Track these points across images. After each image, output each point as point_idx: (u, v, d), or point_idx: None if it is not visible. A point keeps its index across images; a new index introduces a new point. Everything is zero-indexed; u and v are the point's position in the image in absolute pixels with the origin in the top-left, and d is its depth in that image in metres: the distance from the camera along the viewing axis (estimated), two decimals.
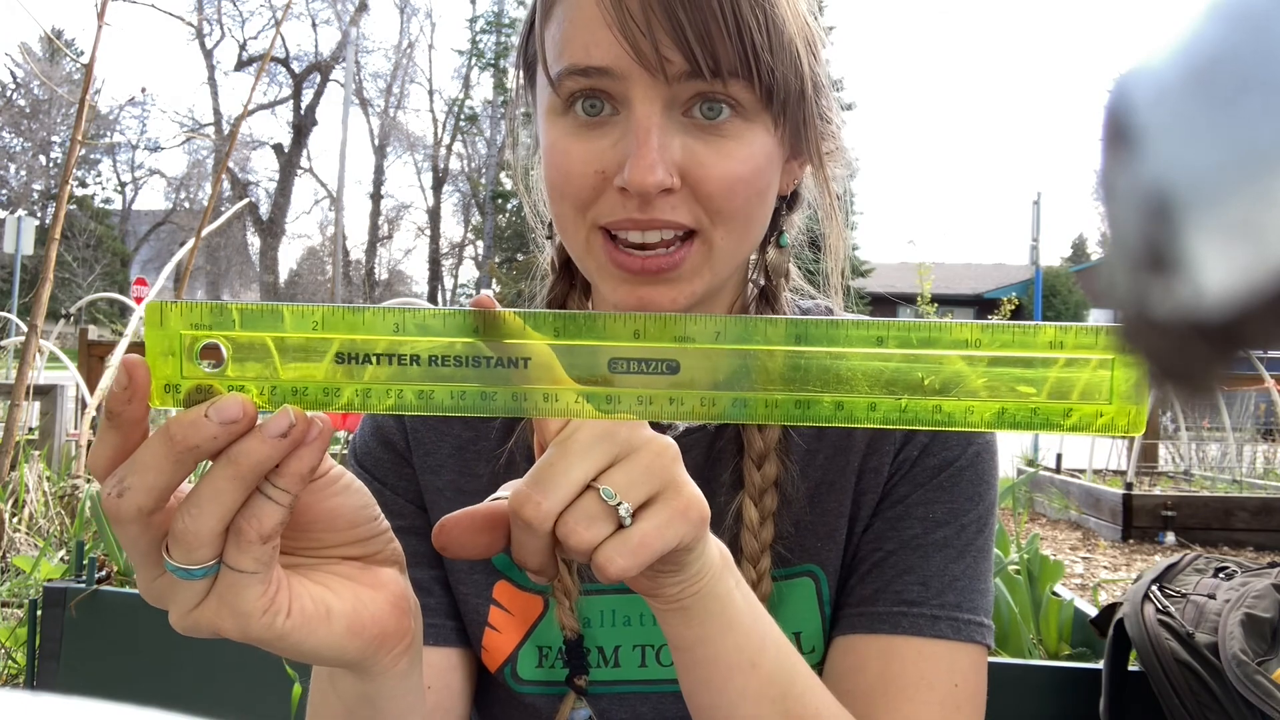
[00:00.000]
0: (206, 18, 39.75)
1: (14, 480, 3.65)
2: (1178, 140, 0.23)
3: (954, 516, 0.78)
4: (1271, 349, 0.24)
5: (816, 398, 0.49)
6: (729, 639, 0.62)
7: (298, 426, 0.48)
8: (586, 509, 0.52)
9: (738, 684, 0.63)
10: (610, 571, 0.52)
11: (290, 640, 0.52)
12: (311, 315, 0.49)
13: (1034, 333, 0.49)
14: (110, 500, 0.47)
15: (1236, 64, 0.22)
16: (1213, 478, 7.14)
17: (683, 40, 0.66)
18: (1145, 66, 0.24)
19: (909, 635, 0.75)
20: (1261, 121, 0.21)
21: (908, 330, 0.49)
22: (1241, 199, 0.22)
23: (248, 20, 41.40)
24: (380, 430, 0.87)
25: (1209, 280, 0.22)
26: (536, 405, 0.49)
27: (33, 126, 37.89)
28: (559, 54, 0.71)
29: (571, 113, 0.72)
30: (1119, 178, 0.24)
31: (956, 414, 0.49)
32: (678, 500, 0.54)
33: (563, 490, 0.52)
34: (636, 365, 0.49)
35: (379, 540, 0.58)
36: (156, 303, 0.49)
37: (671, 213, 0.69)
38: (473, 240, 42.26)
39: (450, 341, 0.49)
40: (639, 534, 0.53)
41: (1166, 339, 0.24)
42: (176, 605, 0.51)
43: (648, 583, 0.59)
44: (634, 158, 0.67)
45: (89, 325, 9.24)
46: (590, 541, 0.52)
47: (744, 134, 0.71)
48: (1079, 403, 0.49)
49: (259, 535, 0.48)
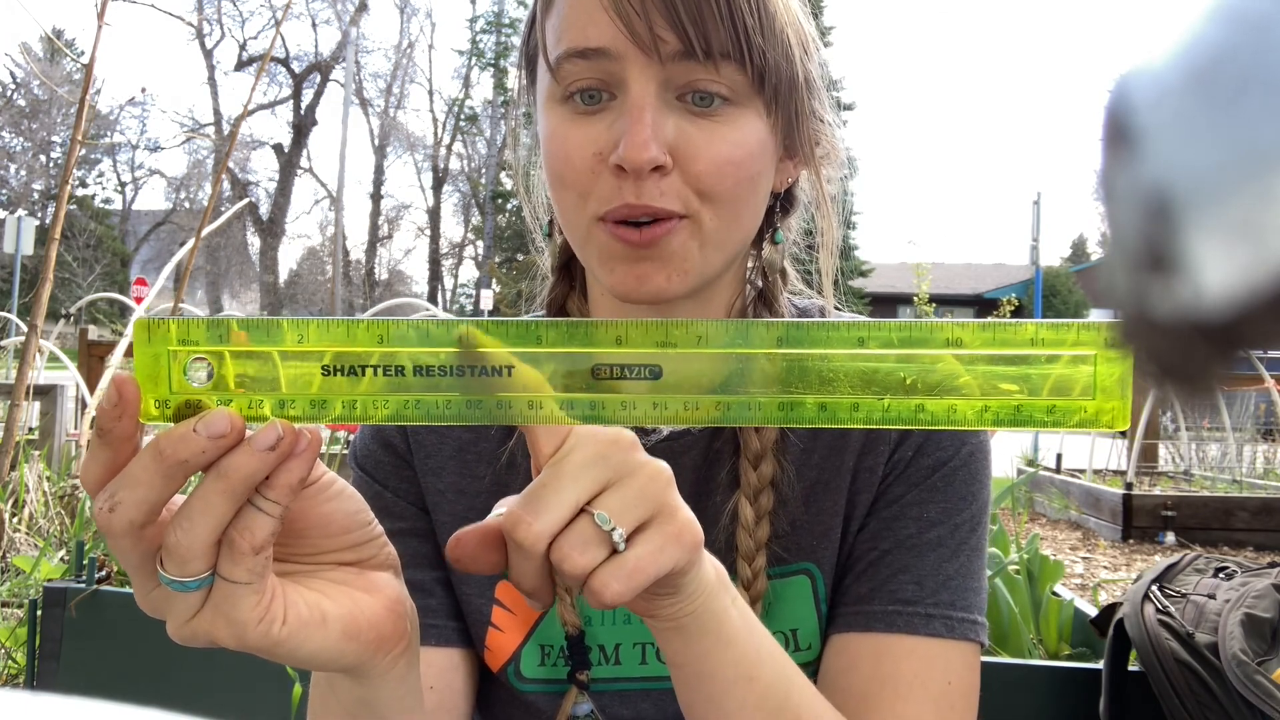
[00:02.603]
0: (206, 18, 39.77)
1: (14, 480, 3.65)
2: (1178, 140, 0.23)
3: (948, 516, 0.79)
4: (1271, 349, 0.24)
5: (800, 399, 0.49)
6: (726, 654, 0.62)
7: (285, 439, 0.48)
8: (581, 533, 0.52)
9: (737, 697, 0.63)
10: (605, 597, 0.52)
11: (287, 647, 0.52)
12: (299, 328, 0.49)
13: (1016, 330, 0.49)
14: (102, 515, 0.48)
15: (1237, 64, 0.22)
16: (1213, 478, 7.14)
17: (676, 21, 0.68)
18: (1145, 67, 0.24)
19: (903, 634, 0.76)
20: (1261, 121, 0.21)
21: (890, 331, 0.49)
22: (1241, 199, 0.22)
23: (248, 20, 41.47)
24: (381, 433, 0.87)
25: (1209, 280, 0.22)
26: (521, 413, 0.49)
27: (33, 126, 37.89)
28: (558, 40, 0.73)
29: (570, 101, 0.73)
30: (1119, 178, 0.24)
31: (939, 413, 0.49)
32: (671, 525, 0.54)
33: (556, 513, 0.52)
34: (620, 370, 0.49)
35: (373, 545, 0.58)
36: (144, 320, 0.49)
37: (661, 198, 0.70)
38: (473, 240, 42.28)
39: (434, 351, 0.49)
40: (633, 559, 0.52)
41: (1166, 339, 0.24)
42: (172, 617, 0.51)
43: (644, 605, 0.59)
44: (628, 134, 0.69)
45: (89, 325, 9.24)
46: (585, 567, 0.52)
47: (736, 119, 0.72)
48: (1062, 399, 0.49)
49: (251, 546, 0.49)
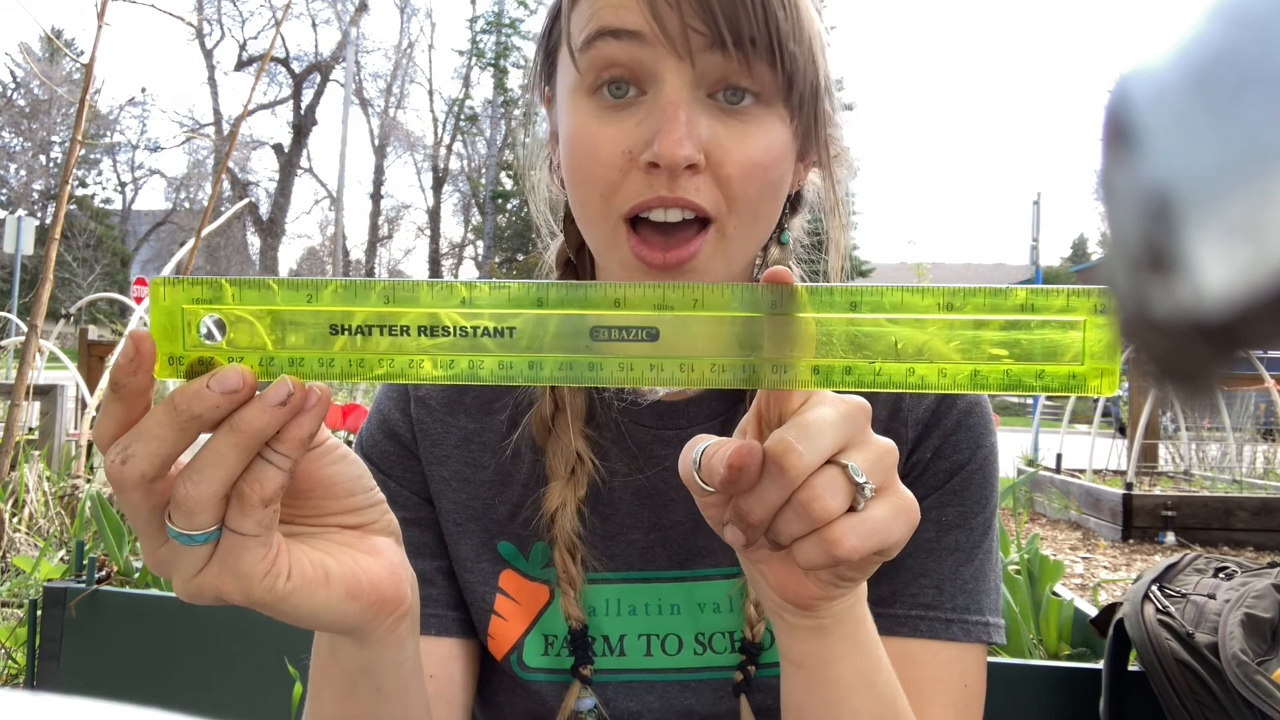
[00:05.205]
0: (206, 18, 39.74)
1: (14, 480, 3.65)
2: (1178, 140, 0.23)
3: (964, 519, 0.81)
4: (1271, 349, 0.24)
5: (793, 362, 0.50)
6: (853, 659, 0.63)
7: (296, 395, 0.50)
8: (834, 478, 0.52)
9: (853, 703, 0.64)
10: (842, 549, 0.51)
11: (291, 603, 0.53)
12: (305, 288, 0.51)
13: (1006, 295, 0.49)
14: (114, 467, 0.49)
15: (1236, 64, 0.22)
16: (1213, 478, 7.14)
17: (709, 15, 0.68)
18: (1145, 66, 0.24)
19: (925, 639, 0.78)
20: (1261, 121, 0.21)
21: (881, 295, 0.50)
22: (1241, 199, 0.22)
23: (248, 20, 41.44)
24: (386, 423, 0.88)
25: (1209, 280, 0.22)
26: (522, 373, 0.51)
27: (33, 126, 37.88)
28: (588, 21, 0.72)
29: (598, 95, 0.72)
30: (1119, 178, 0.24)
31: (930, 377, 0.50)
32: (900, 499, 0.54)
33: (821, 452, 0.51)
34: (618, 333, 0.50)
35: (374, 510, 0.60)
36: (159, 279, 0.51)
37: (695, 194, 0.70)
38: (473, 240, 42.24)
39: (434, 312, 0.50)
40: (872, 520, 0.52)
41: (1166, 339, 0.24)
42: (180, 571, 0.52)
43: (821, 590, 0.58)
44: (664, 132, 0.68)
45: (89, 325, 9.23)
46: (832, 511, 0.51)
47: (764, 121, 0.72)
48: (1051, 364, 0.49)
49: (261, 499, 0.50)
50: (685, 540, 0.83)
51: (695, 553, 0.83)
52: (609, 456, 0.84)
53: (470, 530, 0.86)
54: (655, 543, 0.84)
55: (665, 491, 0.84)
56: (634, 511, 0.84)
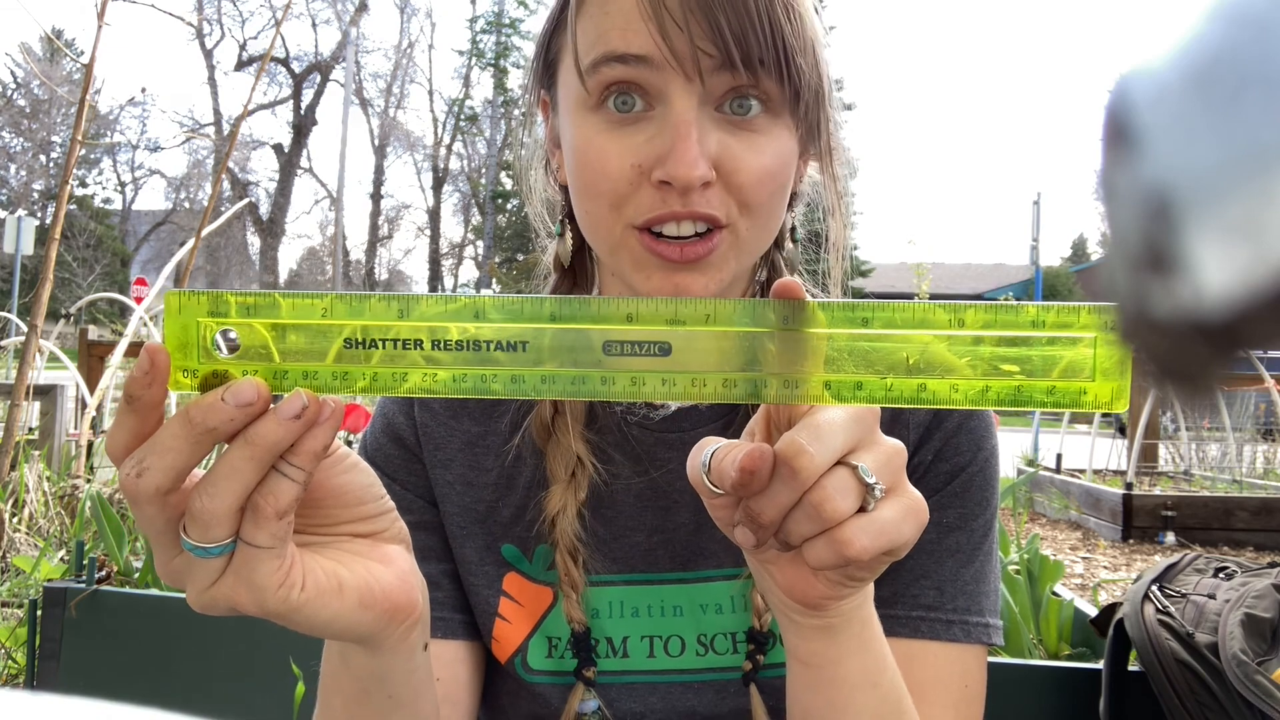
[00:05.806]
0: (206, 18, 39.75)
1: (14, 480, 3.65)
2: (1178, 140, 0.23)
3: (964, 521, 0.81)
4: (1271, 349, 0.24)
5: (804, 378, 0.50)
6: (859, 659, 0.63)
7: (310, 408, 0.50)
8: (844, 479, 0.52)
9: (859, 703, 0.64)
10: (851, 549, 0.51)
11: (305, 613, 0.53)
12: (319, 303, 0.51)
13: (1016, 312, 0.50)
14: (129, 481, 0.49)
15: (1236, 64, 0.22)
16: (1213, 478, 7.14)
17: (719, 36, 0.68)
18: (1145, 66, 0.24)
19: (927, 640, 0.79)
20: (1261, 121, 0.21)
21: (893, 311, 0.50)
22: (1241, 199, 0.22)
23: (248, 20, 41.47)
24: (391, 427, 0.88)
25: (1209, 280, 0.22)
26: (534, 387, 0.51)
27: (33, 126, 37.89)
28: (593, 44, 0.71)
29: (603, 109, 0.72)
30: (1119, 178, 0.24)
31: (941, 392, 0.50)
32: (909, 500, 0.55)
33: (831, 453, 0.52)
34: (630, 348, 0.50)
35: (385, 518, 0.60)
36: (175, 292, 0.52)
37: (707, 205, 0.71)
38: (473, 240, 42.26)
39: (447, 325, 0.51)
40: (882, 520, 0.52)
41: (1166, 339, 0.24)
42: (194, 583, 0.52)
43: (830, 590, 0.58)
44: (677, 152, 0.69)
45: (89, 325, 9.23)
46: (843, 512, 0.51)
47: (771, 129, 0.73)
48: (1062, 380, 0.49)
49: (275, 511, 0.50)
50: (688, 542, 0.84)
51: (697, 554, 0.84)
52: (611, 459, 0.85)
53: (474, 533, 0.86)
54: (658, 545, 0.84)
55: (668, 494, 0.84)
56: (636, 514, 0.84)
